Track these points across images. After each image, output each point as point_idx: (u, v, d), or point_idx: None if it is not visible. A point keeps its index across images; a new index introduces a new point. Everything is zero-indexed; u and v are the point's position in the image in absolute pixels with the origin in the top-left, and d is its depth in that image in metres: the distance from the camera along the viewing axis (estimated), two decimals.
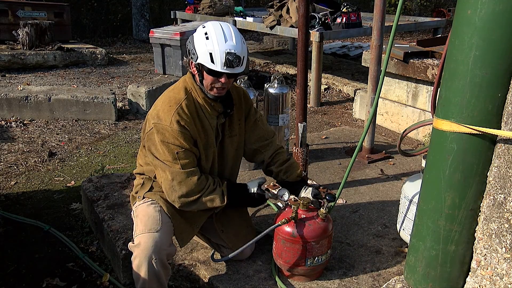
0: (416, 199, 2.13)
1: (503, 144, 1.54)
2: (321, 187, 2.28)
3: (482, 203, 1.65)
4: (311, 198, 2.11)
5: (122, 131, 4.81)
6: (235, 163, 2.27)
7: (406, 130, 2.31)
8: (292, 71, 7.43)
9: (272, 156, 2.29)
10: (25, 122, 4.88)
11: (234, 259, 2.21)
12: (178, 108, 1.95)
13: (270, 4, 6.95)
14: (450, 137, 1.62)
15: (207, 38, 1.88)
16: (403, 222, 2.28)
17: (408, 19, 7.88)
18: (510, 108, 1.50)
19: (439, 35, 6.86)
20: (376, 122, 3.95)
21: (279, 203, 2.26)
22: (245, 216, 2.37)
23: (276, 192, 2.14)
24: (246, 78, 3.28)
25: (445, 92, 1.63)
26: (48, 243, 2.81)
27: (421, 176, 2.00)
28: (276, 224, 2.04)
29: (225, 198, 2.02)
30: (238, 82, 3.13)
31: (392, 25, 1.90)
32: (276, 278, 2.15)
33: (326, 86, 6.66)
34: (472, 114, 1.55)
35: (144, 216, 2.02)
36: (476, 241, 1.70)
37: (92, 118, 5.01)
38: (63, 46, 7.48)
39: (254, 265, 2.26)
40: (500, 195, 1.56)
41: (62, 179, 3.68)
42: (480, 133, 1.55)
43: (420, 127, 2.85)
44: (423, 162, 2.04)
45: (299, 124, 2.91)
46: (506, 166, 1.53)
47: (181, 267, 2.31)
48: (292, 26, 6.17)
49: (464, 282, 1.78)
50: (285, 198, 2.12)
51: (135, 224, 2.06)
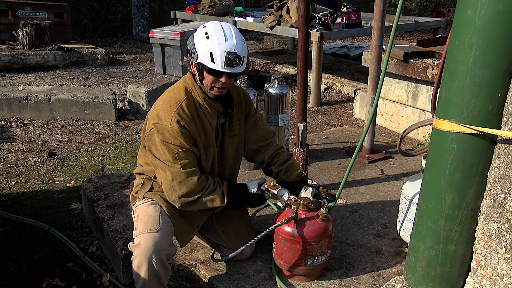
0: (416, 199, 2.13)
1: (503, 144, 1.54)
2: (321, 187, 2.28)
3: (482, 203, 1.65)
4: (311, 198, 2.11)
5: (122, 131, 4.81)
6: (235, 163, 2.27)
7: (406, 130, 2.31)
8: (292, 71, 7.43)
9: (272, 156, 2.29)
10: (25, 122, 4.88)
11: (234, 259, 2.21)
12: (178, 108, 1.95)
13: (270, 4, 6.96)
14: (450, 137, 1.62)
15: (207, 37, 1.88)
16: (403, 222, 2.28)
17: (408, 19, 7.88)
18: (510, 108, 1.50)
19: (439, 35, 6.86)
20: (376, 122, 3.95)
21: (279, 203, 2.25)
22: (245, 216, 2.37)
23: (276, 192, 2.13)
24: (246, 78, 3.28)
25: (445, 92, 1.63)
26: (48, 243, 2.81)
27: (421, 176, 2.00)
28: (276, 224, 2.04)
29: (225, 198, 2.03)
30: (238, 82, 3.13)
31: (392, 25, 1.90)
32: (276, 278, 2.15)
33: (326, 86, 6.65)
34: (472, 114, 1.55)
35: (144, 216, 2.02)
36: (476, 241, 1.70)
37: (92, 118, 5.01)
38: (63, 46, 7.48)
39: (254, 265, 2.26)
40: (500, 195, 1.56)
41: (62, 179, 3.68)
42: (480, 133, 1.55)
43: (420, 127, 2.85)
44: (423, 162, 2.04)
45: (299, 124, 2.91)
46: (506, 166, 1.53)
47: (181, 267, 2.31)
48: (292, 26, 6.17)
49: (464, 282, 1.78)
50: (285, 198, 2.12)
51: (135, 224, 2.06)
